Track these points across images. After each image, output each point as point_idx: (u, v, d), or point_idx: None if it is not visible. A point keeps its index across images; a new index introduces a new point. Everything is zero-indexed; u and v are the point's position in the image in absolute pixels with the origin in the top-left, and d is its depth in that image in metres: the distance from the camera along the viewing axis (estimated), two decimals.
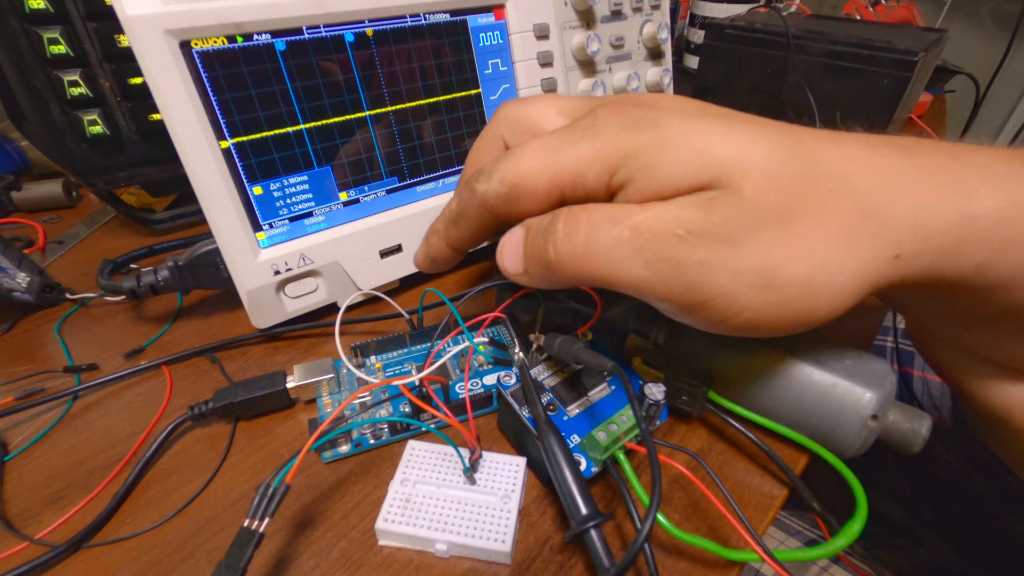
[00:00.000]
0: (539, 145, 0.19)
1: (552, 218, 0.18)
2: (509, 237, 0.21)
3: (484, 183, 0.20)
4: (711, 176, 0.16)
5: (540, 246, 0.19)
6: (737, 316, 0.17)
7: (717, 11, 0.68)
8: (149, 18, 0.23)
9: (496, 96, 0.35)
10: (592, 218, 0.17)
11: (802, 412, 0.22)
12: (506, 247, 0.21)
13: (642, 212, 0.17)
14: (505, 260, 0.21)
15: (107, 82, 0.36)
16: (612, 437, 0.21)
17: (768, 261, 0.16)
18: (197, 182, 0.26)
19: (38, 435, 0.26)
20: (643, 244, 0.17)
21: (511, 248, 0.20)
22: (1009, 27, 0.91)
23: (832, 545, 0.19)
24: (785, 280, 0.16)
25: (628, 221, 0.17)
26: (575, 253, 0.18)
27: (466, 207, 0.22)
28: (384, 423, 0.24)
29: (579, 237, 0.17)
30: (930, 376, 0.47)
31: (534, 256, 0.19)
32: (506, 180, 0.19)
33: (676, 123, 0.17)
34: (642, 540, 0.17)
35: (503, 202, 0.20)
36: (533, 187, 0.19)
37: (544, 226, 0.19)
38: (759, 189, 0.16)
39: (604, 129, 0.18)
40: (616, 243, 0.17)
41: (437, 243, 0.25)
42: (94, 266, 0.34)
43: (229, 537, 0.18)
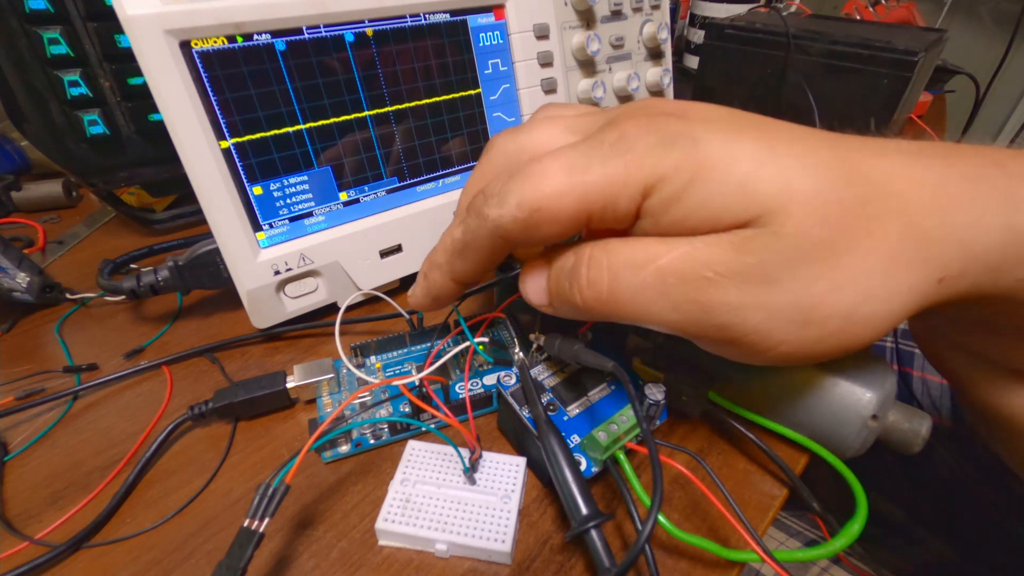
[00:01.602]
0: (561, 163, 0.17)
1: (575, 261, 0.18)
2: (530, 270, 0.20)
3: (497, 208, 0.17)
4: (752, 213, 0.15)
5: (566, 290, 0.18)
6: (773, 350, 0.16)
7: (717, 11, 0.68)
8: (149, 18, 0.23)
9: (496, 96, 0.35)
10: (613, 263, 0.17)
11: (802, 412, 0.22)
12: (528, 281, 0.20)
13: (667, 253, 0.16)
14: (529, 292, 0.20)
15: (107, 82, 0.36)
16: (612, 437, 0.21)
17: (808, 297, 0.15)
18: (197, 182, 0.26)
19: (38, 435, 0.26)
20: (668, 289, 0.16)
21: (534, 282, 0.20)
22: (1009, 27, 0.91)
23: (832, 545, 0.19)
24: (826, 315, 0.15)
25: (652, 265, 0.16)
26: (600, 298, 0.17)
27: (475, 236, 0.19)
28: (384, 423, 0.24)
29: (603, 284, 0.17)
30: (930, 376, 0.47)
31: (560, 297, 0.18)
32: (525, 204, 0.17)
33: (716, 141, 0.16)
34: (643, 540, 0.17)
35: (521, 229, 0.17)
36: (557, 212, 0.17)
37: (568, 270, 0.18)
38: (803, 225, 0.15)
39: (636, 145, 0.16)
40: (641, 288, 0.16)
41: (440, 279, 0.22)
42: (94, 266, 0.34)
43: (229, 537, 0.18)
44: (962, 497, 0.45)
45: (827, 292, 0.15)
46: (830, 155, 0.16)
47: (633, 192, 0.16)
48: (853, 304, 0.15)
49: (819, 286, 0.15)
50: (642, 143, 0.16)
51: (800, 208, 0.15)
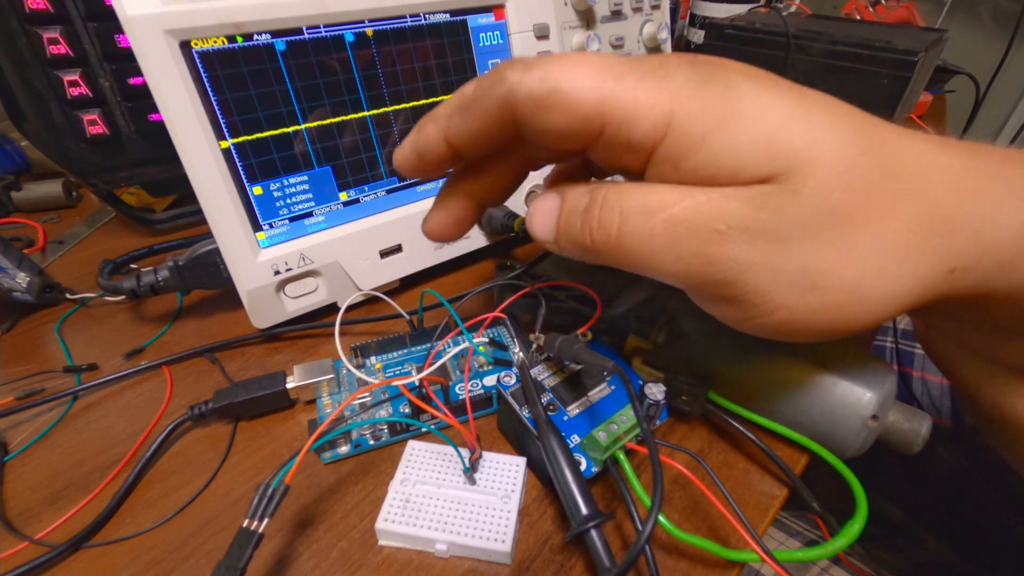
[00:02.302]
0: (598, 61, 0.16)
1: (589, 201, 0.17)
2: (541, 203, 0.19)
3: (520, 73, 0.16)
4: (776, 168, 0.15)
5: (576, 229, 0.17)
6: (769, 316, 0.16)
7: (717, 11, 0.68)
8: (149, 18, 0.23)
9: None
10: (626, 207, 0.16)
11: (802, 412, 0.22)
12: (537, 213, 0.19)
13: (680, 201, 0.15)
14: (536, 226, 0.19)
15: (107, 82, 0.36)
16: (612, 437, 0.21)
17: (816, 263, 0.15)
18: (197, 182, 0.26)
19: (38, 435, 0.26)
20: (677, 238, 0.15)
21: (543, 215, 0.19)
22: (1009, 27, 0.91)
23: (832, 545, 0.19)
24: (830, 285, 0.15)
25: (664, 213, 0.15)
26: (608, 242, 0.17)
27: (485, 95, 0.17)
28: (384, 423, 0.24)
29: (613, 227, 0.16)
30: (930, 376, 0.47)
31: (568, 234, 0.18)
32: (548, 80, 0.16)
33: (751, 91, 0.15)
34: (643, 541, 0.17)
35: (532, 105, 0.16)
36: (575, 104, 0.15)
37: (581, 209, 0.17)
38: (824, 188, 0.14)
39: (674, 74, 0.15)
40: (649, 235, 0.16)
41: (433, 133, 0.19)
42: (94, 266, 0.34)
43: (229, 537, 0.18)
44: (962, 497, 0.45)
45: (836, 261, 0.15)
46: (861, 124, 0.16)
47: (657, 119, 0.15)
48: (860, 279, 0.15)
49: (830, 254, 0.15)
50: (680, 75, 0.15)
51: (824, 169, 0.14)
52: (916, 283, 0.15)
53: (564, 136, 0.16)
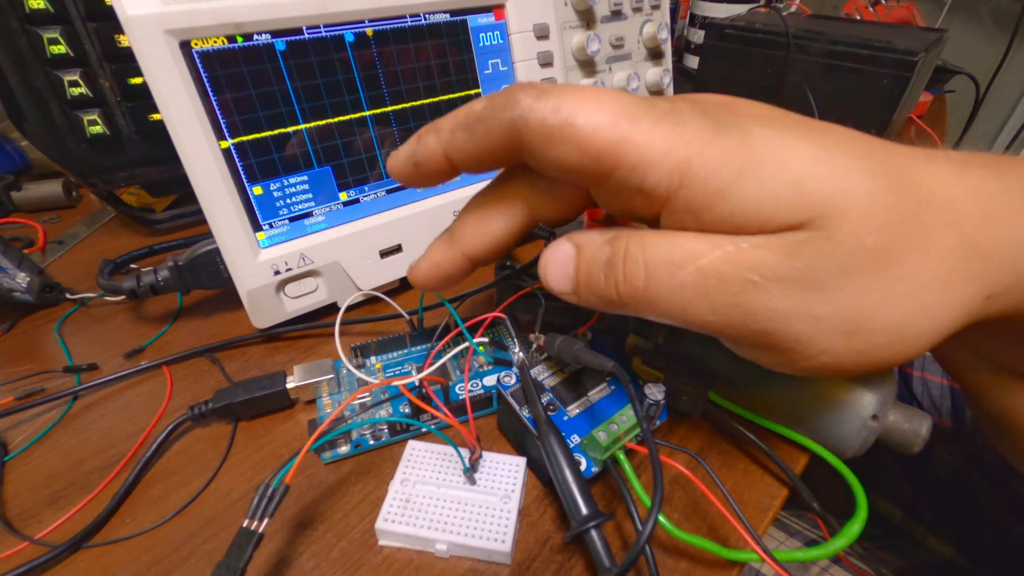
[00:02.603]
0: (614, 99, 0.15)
1: (611, 254, 0.16)
2: (555, 253, 0.18)
3: (533, 99, 0.16)
4: (806, 215, 0.14)
5: (599, 282, 0.17)
6: (813, 360, 0.15)
7: (717, 11, 0.68)
8: (149, 18, 0.23)
9: None
10: (650, 259, 0.16)
11: (802, 412, 0.22)
12: (551, 264, 0.18)
13: (709, 253, 0.15)
14: (550, 277, 0.18)
15: (107, 82, 0.36)
16: (612, 437, 0.21)
17: (857, 308, 0.14)
18: (197, 182, 0.26)
19: (38, 435, 0.26)
20: (709, 290, 0.15)
21: (559, 267, 0.18)
22: (1009, 27, 0.91)
23: (832, 545, 0.19)
24: (875, 328, 0.15)
25: (692, 265, 0.15)
26: (636, 295, 0.16)
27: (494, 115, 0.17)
28: (384, 424, 0.24)
29: (639, 281, 0.16)
30: (930, 376, 0.47)
31: (591, 287, 0.17)
32: (562, 111, 0.15)
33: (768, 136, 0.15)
34: (643, 541, 0.17)
35: (541, 134, 0.16)
36: (588, 140, 0.15)
37: (603, 262, 0.17)
38: (858, 231, 0.14)
39: (688, 121, 0.15)
40: (679, 288, 0.15)
41: (433, 145, 0.18)
42: (94, 266, 0.34)
43: (229, 537, 0.18)
44: (962, 497, 0.45)
45: (878, 304, 0.14)
46: (883, 159, 0.15)
47: (671, 167, 0.15)
48: (904, 318, 0.15)
49: (871, 297, 0.14)
50: (694, 122, 0.15)
51: (856, 212, 0.14)
52: (957, 313, 0.15)
53: (571, 170, 0.16)
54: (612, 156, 0.15)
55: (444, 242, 0.21)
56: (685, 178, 0.15)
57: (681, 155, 0.14)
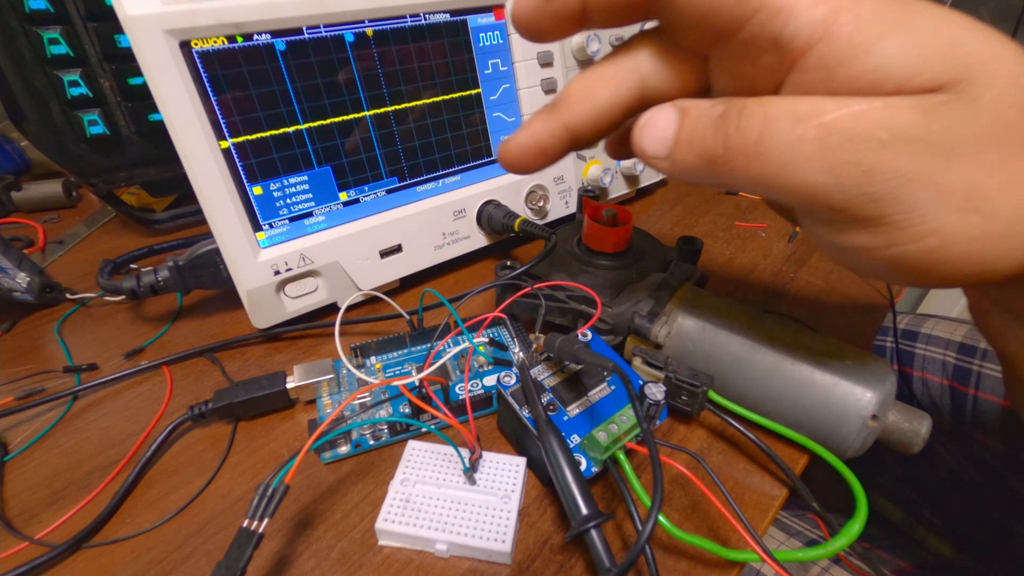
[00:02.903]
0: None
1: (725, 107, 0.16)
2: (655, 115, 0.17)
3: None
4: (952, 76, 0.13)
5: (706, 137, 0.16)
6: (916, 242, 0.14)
7: None
8: (149, 18, 0.23)
9: (496, 96, 0.35)
10: (770, 113, 0.15)
11: (802, 412, 0.22)
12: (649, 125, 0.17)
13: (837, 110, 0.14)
14: (646, 139, 0.17)
15: (107, 82, 0.36)
16: (612, 437, 0.21)
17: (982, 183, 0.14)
18: (197, 182, 0.26)
19: (38, 435, 0.26)
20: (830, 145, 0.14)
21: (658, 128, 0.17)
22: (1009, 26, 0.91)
23: (832, 545, 0.19)
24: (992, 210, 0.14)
25: (816, 120, 0.14)
26: (746, 149, 0.15)
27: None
28: (384, 423, 0.24)
29: (753, 133, 0.15)
30: (930, 376, 0.47)
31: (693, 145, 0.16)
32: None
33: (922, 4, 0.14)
34: (644, 541, 0.17)
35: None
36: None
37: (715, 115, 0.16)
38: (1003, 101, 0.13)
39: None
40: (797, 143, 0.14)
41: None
42: (94, 266, 0.34)
43: (229, 537, 0.18)
44: (962, 497, 0.45)
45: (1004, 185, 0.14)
46: None
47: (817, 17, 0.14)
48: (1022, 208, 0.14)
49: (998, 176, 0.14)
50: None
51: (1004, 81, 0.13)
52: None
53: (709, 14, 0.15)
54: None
55: (545, 112, 0.19)
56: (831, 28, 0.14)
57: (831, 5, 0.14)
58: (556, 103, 0.19)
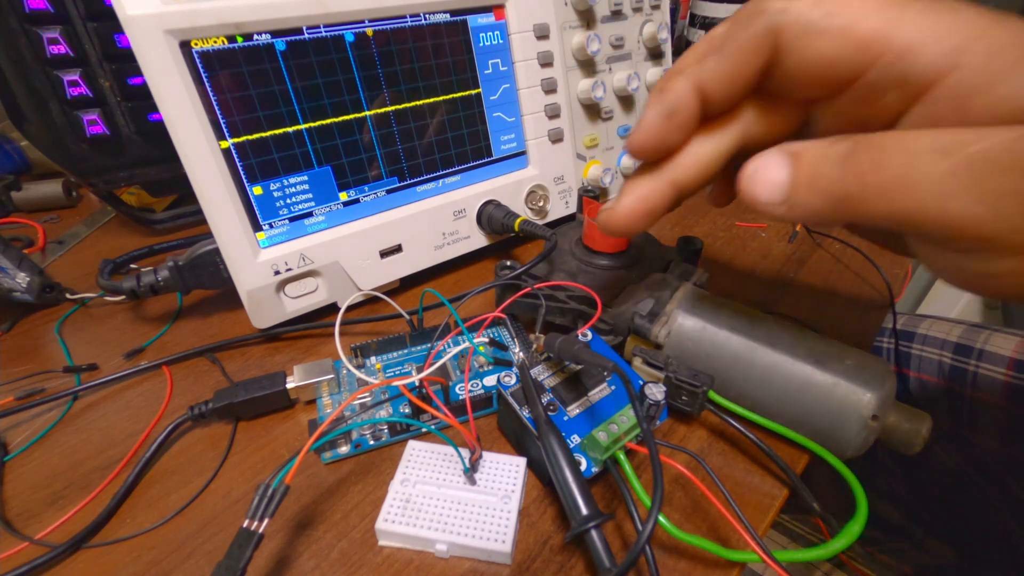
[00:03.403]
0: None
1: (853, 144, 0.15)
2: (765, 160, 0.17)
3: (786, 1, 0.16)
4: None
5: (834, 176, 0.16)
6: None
7: (717, 11, 0.68)
8: (149, 18, 0.23)
9: (496, 96, 0.35)
10: (907, 148, 0.14)
11: (802, 412, 0.22)
12: (760, 171, 0.17)
13: (983, 140, 0.14)
14: (758, 188, 0.17)
15: (107, 82, 0.36)
16: (612, 437, 0.21)
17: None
18: (197, 182, 0.26)
19: (38, 435, 0.26)
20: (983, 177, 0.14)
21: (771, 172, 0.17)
22: None
23: (832, 546, 0.19)
24: None
25: (963, 152, 0.14)
26: (886, 185, 0.15)
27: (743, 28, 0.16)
28: (384, 424, 0.24)
29: (891, 169, 0.14)
30: (926, 376, 0.47)
31: (818, 186, 0.16)
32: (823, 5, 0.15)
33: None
34: (644, 541, 0.17)
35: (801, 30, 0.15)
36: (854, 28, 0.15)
37: (841, 153, 0.15)
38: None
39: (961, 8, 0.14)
40: (945, 176, 0.14)
41: (680, 85, 0.18)
42: (94, 266, 0.34)
43: (229, 537, 0.18)
44: (960, 497, 0.45)
45: None
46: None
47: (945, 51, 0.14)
48: None
49: None
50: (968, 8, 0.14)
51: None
52: None
53: (831, 67, 0.16)
54: (880, 42, 0.15)
55: (647, 173, 0.19)
56: (962, 60, 0.14)
57: (959, 38, 0.14)
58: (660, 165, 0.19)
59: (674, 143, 0.19)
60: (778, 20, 0.16)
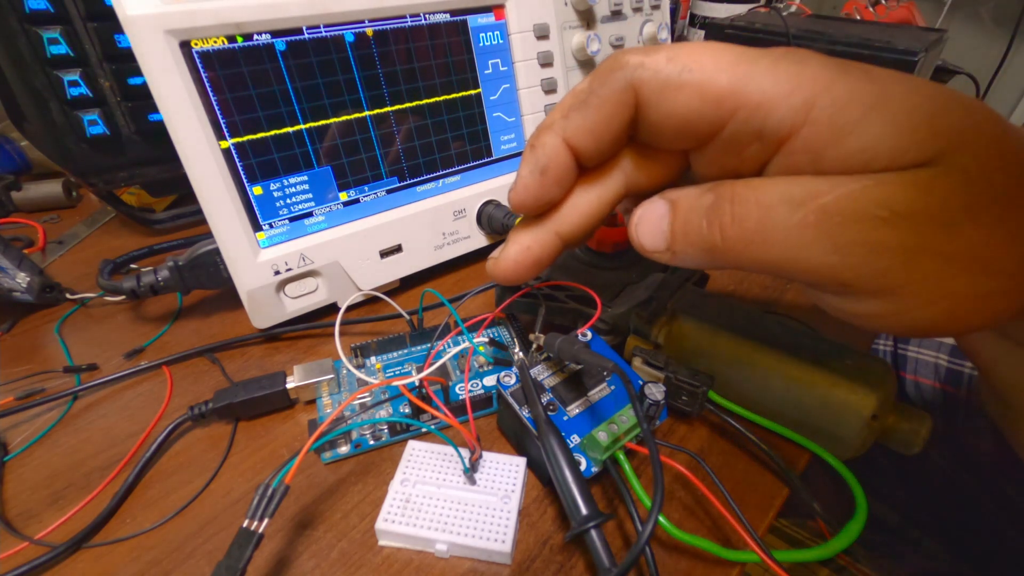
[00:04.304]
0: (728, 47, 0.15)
1: (715, 198, 0.16)
2: (647, 211, 0.18)
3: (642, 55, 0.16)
4: (938, 149, 0.14)
5: (701, 228, 0.16)
6: (930, 307, 0.15)
7: (717, 11, 0.68)
8: (149, 18, 0.23)
9: (496, 96, 0.35)
10: (763, 200, 0.15)
11: (802, 412, 0.22)
12: (643, 221, 0.18)
13: (831, 191, 0.14)
14: (642, 235, 0.18)
15: (107, 82, 0.36)
16: (612, 437, 0.21)
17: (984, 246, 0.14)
18: (197, 182, 0.26)
19: (38, 435, 0.26)
20: (832, 227, 0.14)
21: (652, 223, 0.17)
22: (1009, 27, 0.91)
23: (831, 546, 0.19)
24: (998, 268, 0.14)
25: (813, 203, 0.14)
26: (744, 237, 0.15)
27: (605, 82, 0.17)
28: (384, 424, 0.24)
29: (751, 221, 0.15)
30: (923, 379, 0.47)
31: (689, 237, 0.17)
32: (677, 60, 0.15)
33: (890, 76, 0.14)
34: (644, 541, 0.17)
35: (659, 86, 0.16)
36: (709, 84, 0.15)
37: (705, 206, 0.16)
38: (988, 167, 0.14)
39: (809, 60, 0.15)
40: (799, 228, 0.14)
41: (550, 140, 0.18)
42: (94, 266, 0.34)
43: (229, 537, 0.18)
44: (956, 500, 0.45)
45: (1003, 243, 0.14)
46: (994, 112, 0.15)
47: (796, 104, 0.14)
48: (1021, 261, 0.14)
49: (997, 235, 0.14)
50: (815, 61, 0.15)
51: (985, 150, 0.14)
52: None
53: (689, 121, 0.16)
54: (734, 98, 0.15)
55: (532, 224, 0.20)
56: (811, 114, 0.14)
57: (807, 92, 0.14)
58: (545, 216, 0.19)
59: (553, 197, 0.19)
60: (636, 75, 0.16)
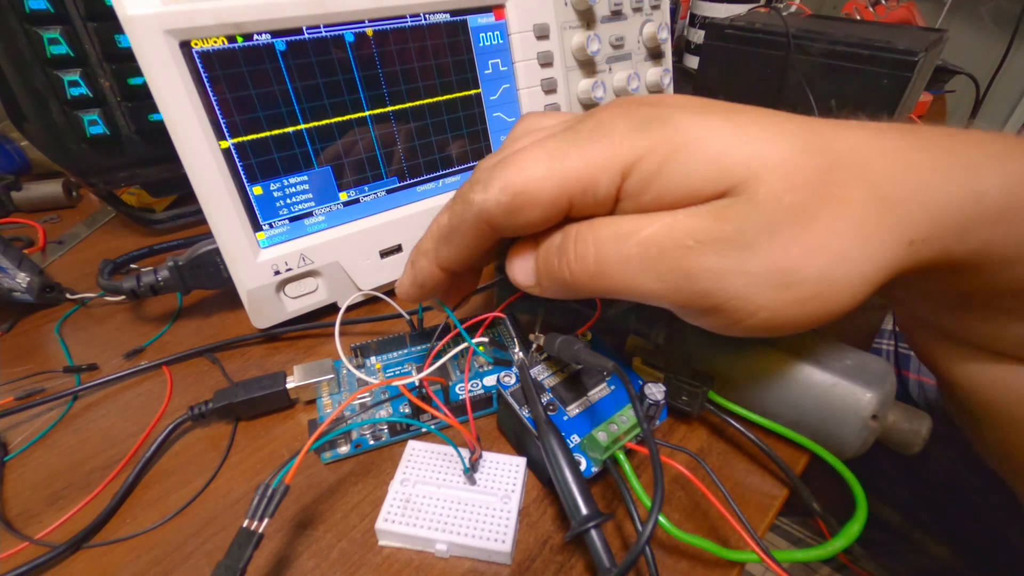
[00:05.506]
0: (541, 149, 0.18)
1: (563, 238, 0.18)
2: (518, 251, 0.20)
3: (481, 192, 0.18)
4: (729, 183, 0.16)
5: (554, 266, 0.19)
6: (753, 317, 0.17)
7: (717, 11, 0.68)
8: (149, 18, 0.23)
9: (496, 96, 0.35)
10: (598, 237, 0.17)
11: (802, 412, 0.22)
12: (516, 260, 0.20)
13: (649, 226, 0.17)
14: (517, 273, 0.21)
15: (107, 82, 0.36)
16: (612, 437, 0.21)
17: (784, 260, 0.16)
18: (197, 182, 0.26)
19: (38, 435, 0.26)
20: (651, 258, 0.17)
21: (521, 262, 0.20)
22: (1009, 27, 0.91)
23: (831, 546, 0.19)
24: (802, 277, 0.16)
25: (635, 237, 0.17)
26: (588, 271, 0.18)
27: (460, 220, 0.20)
28: (384, 424, 0.24)
29: (590, 258, 0.17)
30: (926, 379, 0.47)
31: (547, 274, 0.19)
32: (508, 188, 0.18)
33: (688, 120, 0.17)
34: (644, 541, 0.17)
35: (504, 213, 0.18)
36: (538, 195, 0.17)
37: (555, 247, 0.19)
38: (774, 191, 0.16)
39: (613, 130, 0.17)
40: (626, 260, 0.17)
41: (426, 266, 0.22)
42: (94, 266, 0.34)
43: (229, 537, 0.18)
44: (958, 499, 0.45)
45: (803, 255, 0.16)
46: (796, 129, 0.17)
47: (612, 174, 0.17)
48: (827, 266, 0.16)
49: (795, 250, 0.16)
50: (619, 128, 0.17)
51: (771, 175, 0.16)
52: (880, 260, 0.16)
53: (540, 224, 0.18)
54: (565, 196, 0.17)
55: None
56: (624, 175, 0.17)
57: (618, 161, 0.17)
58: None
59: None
60: (483, 211, 0.18)
